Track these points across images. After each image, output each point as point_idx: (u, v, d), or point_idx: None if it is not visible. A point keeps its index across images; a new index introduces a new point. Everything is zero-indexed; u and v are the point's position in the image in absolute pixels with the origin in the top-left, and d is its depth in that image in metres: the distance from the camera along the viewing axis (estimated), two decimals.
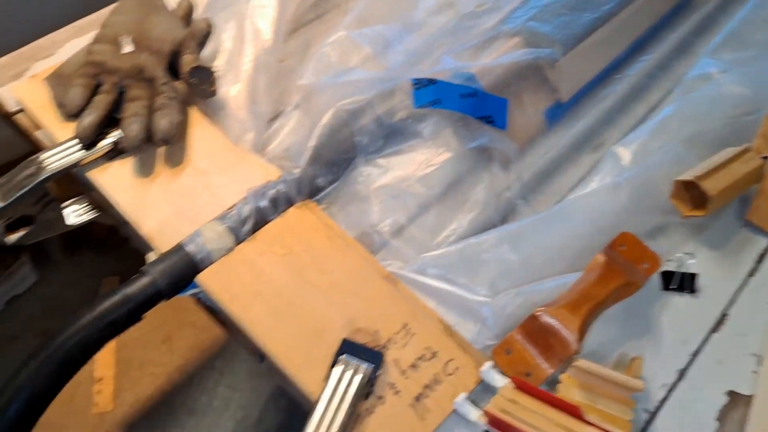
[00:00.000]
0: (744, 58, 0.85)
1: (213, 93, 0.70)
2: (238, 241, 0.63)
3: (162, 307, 0.61)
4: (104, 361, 1.47)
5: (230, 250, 0.62)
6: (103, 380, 1.44)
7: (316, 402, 0.54)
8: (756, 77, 0.80)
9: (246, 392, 1.47)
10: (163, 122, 0.65)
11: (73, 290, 1.55)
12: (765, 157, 0.73)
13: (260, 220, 0.64)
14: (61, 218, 0.70)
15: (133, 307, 0.57)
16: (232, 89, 0.72)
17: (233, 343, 1.53)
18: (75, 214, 0.72)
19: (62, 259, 1.58)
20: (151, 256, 0.63)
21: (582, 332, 0.58)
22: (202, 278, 0.60)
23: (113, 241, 1.62)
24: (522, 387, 0.56)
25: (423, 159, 0.69)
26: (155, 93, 0.67)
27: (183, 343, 1.52)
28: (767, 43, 0.88)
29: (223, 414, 1.44)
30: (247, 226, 0.63)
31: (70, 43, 0.79)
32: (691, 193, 0.70)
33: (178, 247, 0.61)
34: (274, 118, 0.75)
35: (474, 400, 0.57)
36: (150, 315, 0.60)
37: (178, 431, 1.40)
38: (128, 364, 1.50)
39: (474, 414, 0.56)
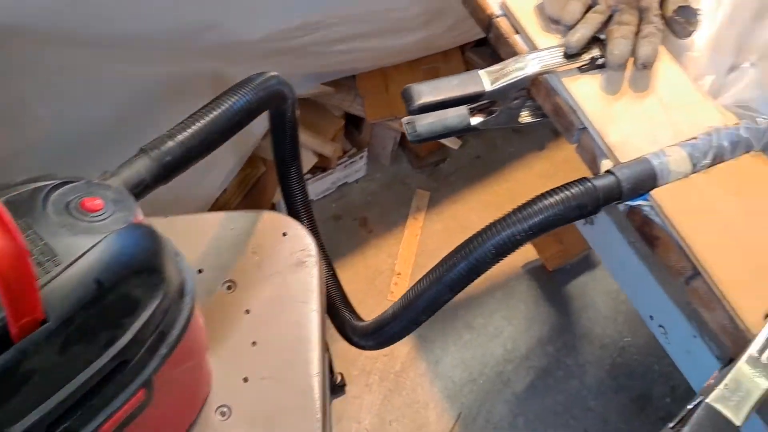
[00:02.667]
0: None
1: (691, 33, 0.74)
2: (695, 170, 0.68)
3: None
4: (405, 258, 1.65)
5: (686, 176, 0.67)
6: (401, 275, 1.63)
7: (759, 333, 0.58)
8: None
9: (519, 328, 1.56)
10: (648, 49, 0.71)
11: (389, 192, 1.75)
12: None
13: (718, 157, 0.68)
14: (517, 114, 0.80)
15: (599, 197, 0.65)
16: (702, 33, 0.76)
17: (515, 280, 1.63)
18: (525, 114, 0.82)
19: (388, 163, 1.78)
20: (605, 164, 0.71)
21: None
22: (657, 193, 0.67)
23: (429, 161, 1.79)
24: None
25: None
26: (644, 22, 0.73)
27: None
28: None
29: (494, 339, 1.55)
30: (707, 160, 0.68)
31: None
32: None
33: (644, 160, 0.67)
34: (731, 70, 0.77)
35: None
36: None
37: (455, 339, 1.54)
38: (424, 268, 1.67)
39: None
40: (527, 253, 1.62)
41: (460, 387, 1.48)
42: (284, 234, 0.80)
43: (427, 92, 0.76)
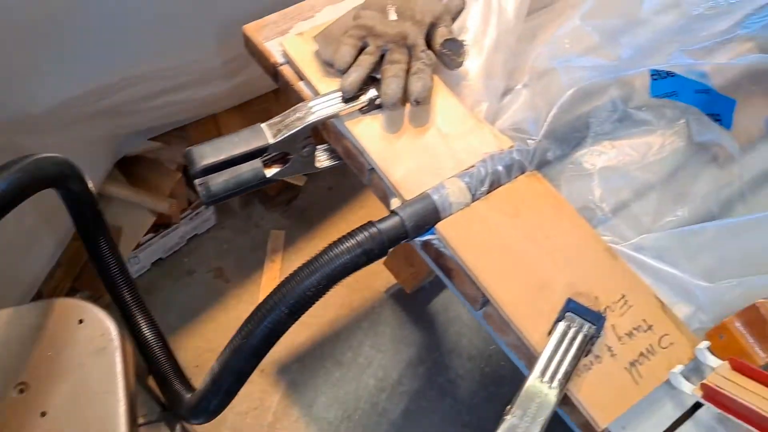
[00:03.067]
0: None
1: (460, 64, 0.77)
2: (474, 198, 0.70)
3: None
4: None
5: (467, 205, 0.69)
6: None
7: (542, 351, 0.60)
8: None
9: (388, 354, 1.56)
10: (419, 85, 0.73)
11: (243, 237, 1.71)
12: None
13: (495, 182, 0.71)
14: (312, 161, 0.80)
15: (384, 240, 0.66)
16: (473, 62, 0.79)
17: (380, 306, 1.63)
18: (323, 158, 0.81)
19: (238, 208, 1.74)
20: (395, 202, 0.72)
21: None
22: (441, 226, 0.68)
23: (281, 199, 1.77)
24: (740, 368, 0.59)
25: (651, 146, 0.72)
26: (413, 59, 0.75)
27: (335, 300, 1.63)
28: None
29: (366, 370, 1.54)
30: (484, 187, 0.70)
31: (327, 8, 0.89)
32: None
33: (425, 196, 0.68)
34: (504, 93, 0.81)
35: (686, 376, 0.61)
36: None
37: (325, 378, 1.51)
38: None
39: (688, 387, 0.60)
40: (389, 277, 1.63)
41: (337, 426, 1.45)
42: (80, 321, 0.75)
43: (209, 153, 0.73)
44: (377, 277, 1.65)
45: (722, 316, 0.63)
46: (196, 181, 0.78)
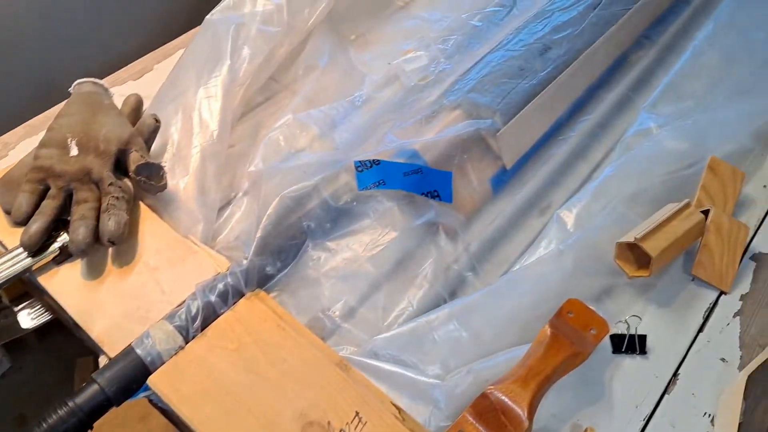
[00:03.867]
0: (681, 110, 0.88)
1: (162, 188, 0.71)
2: (189, 338, 0.63)
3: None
4: None
5: (181, 348, 0.62)
6: None
7: None
8: (693, 130, 0.83)
9: None
10: (110, 223, 0.66)
11: (47, 374, 1.53)
12: (705, 211, 0.75)
13: (210, 314, 0.65)
14: (16, 322, 0.70)
15: (83, 417, 0.57)
16: (181, 181, 0.73)
17: None
18: (30, 317, 0.72)
19: (35, 343, 1.56)
20: (103, 360, 0.63)
21: (532, 407, 0.59)
22: (152, 381, 0.60)
23: None
24: None
25: (370, 239, 0.70)
26: (103, 194, 0.68)
27: None
28: (703, 93, 0.91)
29: None
30: (197, 323, 0.64)
31: (23, 143, 0.81)
32: (635, 252, 0.71)
33: (128, 350, 0.61)
34: (225, 205, 0.76)
35: None
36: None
37: None
38: None
39: None
40: None
41: None
42: None
43: None
44: None
45: (459, 409, 0.61)
46: None
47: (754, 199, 0.83)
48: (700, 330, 0.70)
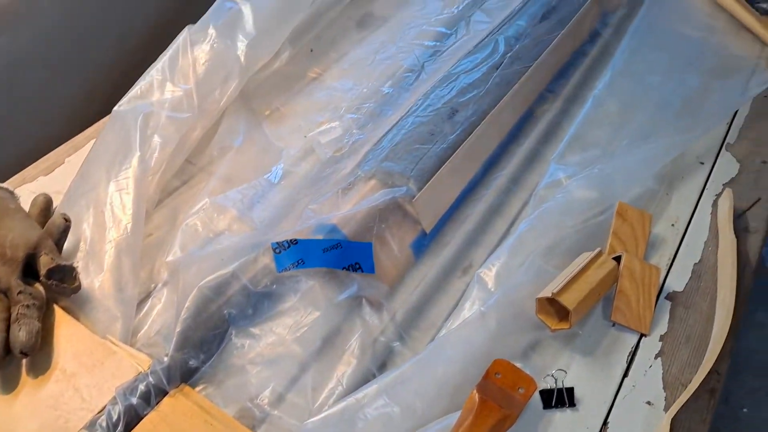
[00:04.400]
0: (588, 159, 0.92)
1: (76, 289, 0.69)
2: None
3: None
4: None
5: None
6: None
7: None
8: (600, 178, 0.87)
9: None
10: (22, 333, 0.63)
11: None
12: (618, 257, 0.78)
13: (133, 418, 0.63)
14: None
15: None
16: (96, 279, 0.72)
17: None
18: None
19: None
20: None
21: None
22: None
23: None
24: None
25: (294, 321, 0.70)
26: (12, 303, 0.65)
27: None
28: (607, 140, 0.95)
29: None
30: (119, 429, 0.61)
31: None
32: (555, 306, 0.73)
33: None
34: (144, 298, 0.74)
35: None
36: None
37: None
38: None
39: None
40: None
41: None
42: None
43: None
44: None
45: None
46: None
47: (665, 238, 0.86)
48: (625, 375, 0.71)
